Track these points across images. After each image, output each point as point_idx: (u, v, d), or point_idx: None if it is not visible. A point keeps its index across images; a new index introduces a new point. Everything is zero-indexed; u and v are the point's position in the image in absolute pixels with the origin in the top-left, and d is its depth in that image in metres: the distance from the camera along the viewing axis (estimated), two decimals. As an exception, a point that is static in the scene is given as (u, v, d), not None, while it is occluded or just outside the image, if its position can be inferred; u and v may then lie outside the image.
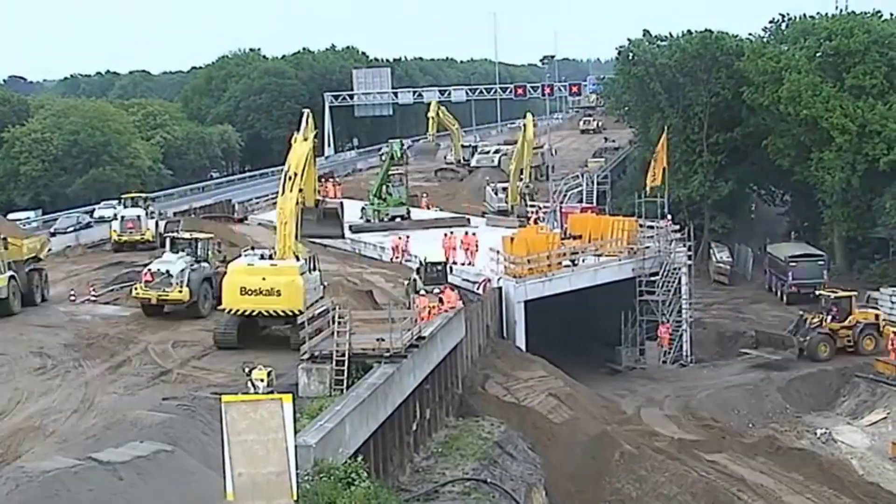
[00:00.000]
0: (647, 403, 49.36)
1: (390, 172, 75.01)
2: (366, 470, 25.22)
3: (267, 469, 19.86)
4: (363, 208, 76.17)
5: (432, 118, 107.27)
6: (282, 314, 37.51)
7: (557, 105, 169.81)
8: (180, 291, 43.08)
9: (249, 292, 37.75)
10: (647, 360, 56.03)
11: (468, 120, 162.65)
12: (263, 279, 37.70)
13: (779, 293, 68.13)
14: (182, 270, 43.77)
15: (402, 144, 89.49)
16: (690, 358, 56.45)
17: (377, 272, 57.03)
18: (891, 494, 39.00)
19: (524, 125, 76.03)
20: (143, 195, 69.72)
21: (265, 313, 37.92)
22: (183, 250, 45.59)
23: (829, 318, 53.88)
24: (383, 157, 79.42)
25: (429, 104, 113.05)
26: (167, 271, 43.62)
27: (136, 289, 44.55)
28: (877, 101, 70.02)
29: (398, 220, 72.73)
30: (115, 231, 64.16)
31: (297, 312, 35.96)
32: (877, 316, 54.85)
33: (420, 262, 46.50)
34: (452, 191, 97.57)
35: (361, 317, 35.80)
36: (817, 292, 57.97)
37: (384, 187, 74.03)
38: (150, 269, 44.41)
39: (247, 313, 38.10)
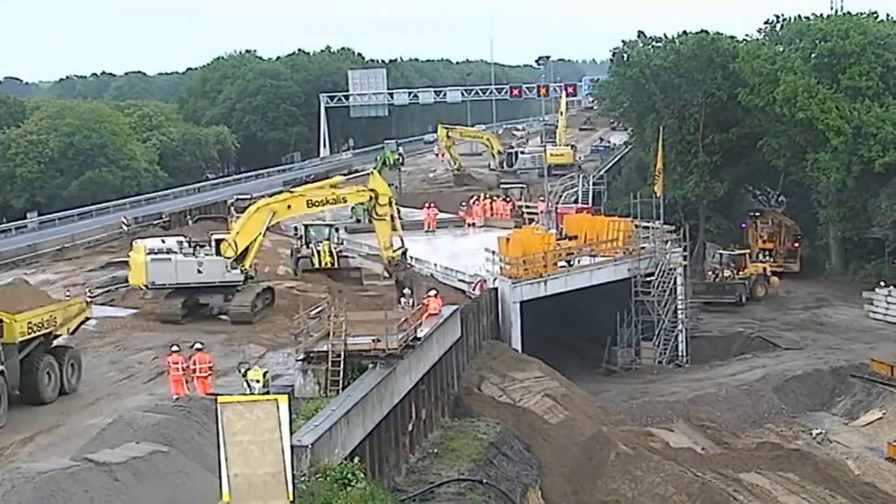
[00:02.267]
0: (643, 404, 49.42)
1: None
2: (362, 470, 25.23)
3: (263, 470, 19.86)
4: (353, 208, 76.33)
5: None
6: None
7: (553, 106, 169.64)
8: None
9: None
10: (642, 360, 56.09)
11: (463, 121, 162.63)
12: None
13: None
14: None
15: (397, 148, 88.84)
16: (686, 358, 56.50)
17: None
18: (886, 495, 39.04)
19: None
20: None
21: None
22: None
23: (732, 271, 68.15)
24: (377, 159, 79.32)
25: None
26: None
27: None
28: (873, 102, 70.09)
29: None
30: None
31: None
32: (765, 269, 70.16)
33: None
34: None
35: (357, 317, 35.78)
36: (718, 252, 71.94)
37: None
38: None
39: None
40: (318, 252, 53.68)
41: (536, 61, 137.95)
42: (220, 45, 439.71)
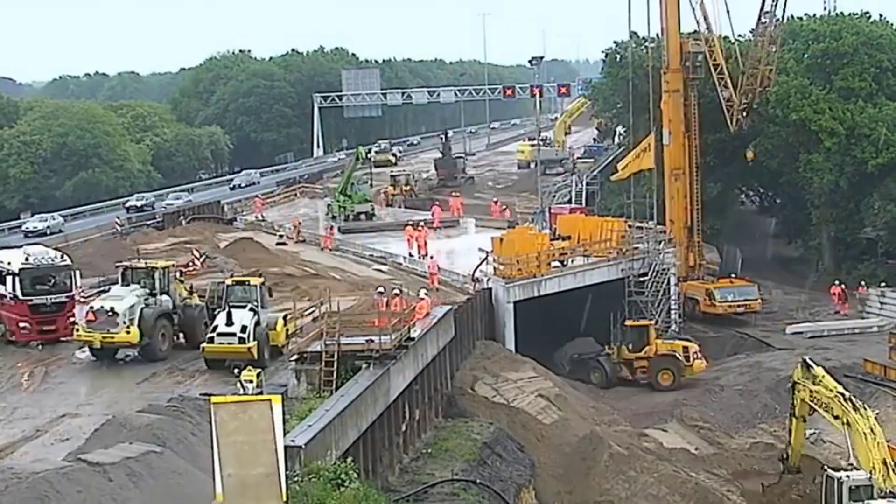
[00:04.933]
0: (638, 404, 49.49)
1: (355, 172, 77.95)
2: (355, 471, 25.24)
3: (256, 470, 19.85)
4: (329, 205, 78.18)
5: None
6: None
7: (547, 106, 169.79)
8: (128, 332, 36.74)
9: None
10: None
11: (457, 121, 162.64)
12: None
13: None
14: (131, 307, 37.06)
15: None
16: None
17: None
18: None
19: None
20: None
21: None
22: (137, 282, 38.70)
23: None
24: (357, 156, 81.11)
25: None
26: (111, 308, 37.00)
27: (77, 329, 38.16)
28: (866, 103, 70.05)
29: (363, 216, 73.92)
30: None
31: None
32: (685, 347, 51.93)
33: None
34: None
35: (350, 318, 35.79)
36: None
37: (349, 185, 76.53)
38: (92, 307, 37.91)
39: None
40: None
41: (529, 61, 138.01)
42: (214, 45, 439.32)
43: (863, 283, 63.00)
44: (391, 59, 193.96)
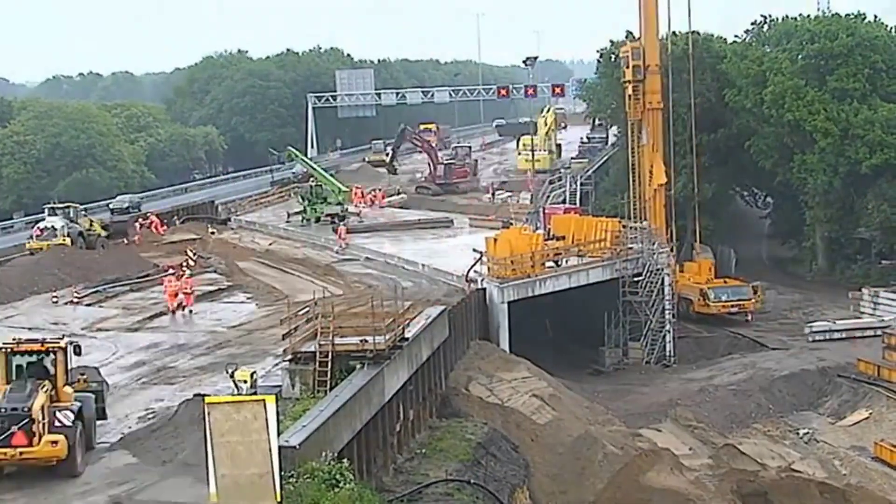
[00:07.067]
0: (632, 404, 49.50)
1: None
2: (350, 471, 25.20)
3: (250, 470, 19.85)
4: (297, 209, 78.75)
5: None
6: None
7: (542, 106, 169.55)
8: (64, 240, 61.07)
9: None
10: (630, 360, 56.18)
11: (451, 121, 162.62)
12: None
13: None
14: (63, 226, 62.47)
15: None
16: (674, 358, 56.58)
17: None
18: (874, 494, 39.11)
19: None
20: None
21: None
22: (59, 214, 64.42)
23: None
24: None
25: None
26: (52, 226, 62.42)
27: (28, 242, 61.53)
28: (861, 104, 70.12)
29: (335, 218, 74.15)
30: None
31: None
32: None
33: None
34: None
35: (345, 317, 35.71)
36: None
37: (319, 188, 77.62)
38: (38, 227, 63.18)
39: None
40: None
41: (524, 62, 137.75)
42: (209, 45, 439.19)
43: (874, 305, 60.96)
44: (386, 59, 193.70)
